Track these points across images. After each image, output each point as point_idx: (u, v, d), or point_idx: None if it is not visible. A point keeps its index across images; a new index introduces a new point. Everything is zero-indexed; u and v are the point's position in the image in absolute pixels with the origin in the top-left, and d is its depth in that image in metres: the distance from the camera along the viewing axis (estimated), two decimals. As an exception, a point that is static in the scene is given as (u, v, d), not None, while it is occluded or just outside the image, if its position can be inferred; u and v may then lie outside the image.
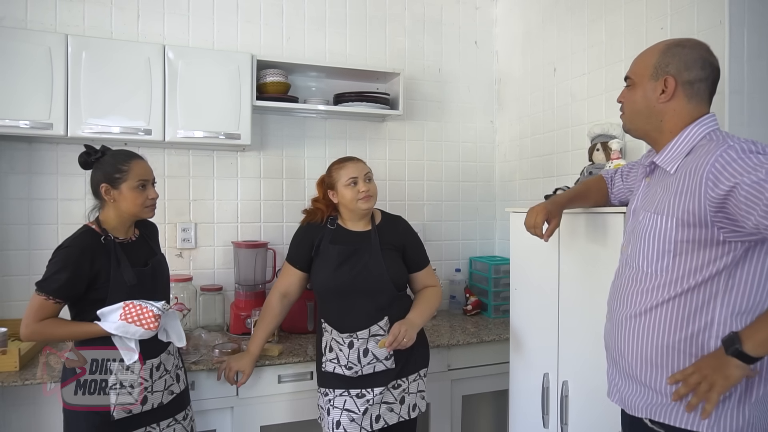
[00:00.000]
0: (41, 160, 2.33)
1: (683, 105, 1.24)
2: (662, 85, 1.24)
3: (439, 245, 2.96)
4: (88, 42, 2.12)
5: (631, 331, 1.27)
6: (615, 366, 1.35)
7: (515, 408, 2.09)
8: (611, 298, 1.39)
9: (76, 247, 1.55)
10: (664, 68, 1.24)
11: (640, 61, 1.31)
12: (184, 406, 1.75)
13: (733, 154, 1.10)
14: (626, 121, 1.35)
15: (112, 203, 1.62)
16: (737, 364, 1.09)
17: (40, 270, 2.28)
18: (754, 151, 1.09)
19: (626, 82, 1.34)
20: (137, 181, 1.62)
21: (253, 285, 2.44)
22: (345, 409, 1.80)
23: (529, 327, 2.00)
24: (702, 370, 1.13)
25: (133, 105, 2.15)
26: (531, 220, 1.58)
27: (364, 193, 1.87)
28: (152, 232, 1.85)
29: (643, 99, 1.28)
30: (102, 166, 1.63)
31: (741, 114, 1.70)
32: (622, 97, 1.35)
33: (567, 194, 1.65)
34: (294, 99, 2.53)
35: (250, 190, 2.64)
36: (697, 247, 1.16)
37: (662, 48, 1.27)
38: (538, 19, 2.70)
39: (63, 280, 1.51)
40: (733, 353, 1.08)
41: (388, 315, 1.84)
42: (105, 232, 1.62)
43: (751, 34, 1.71)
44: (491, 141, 3.09)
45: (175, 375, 1.73)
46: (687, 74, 1.23)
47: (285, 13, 2.67)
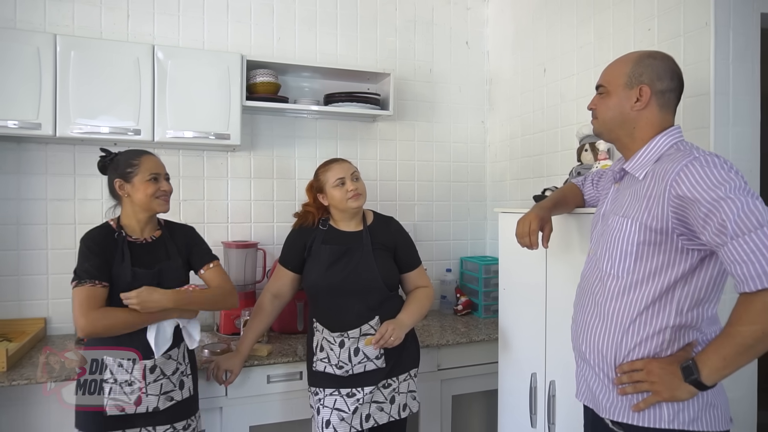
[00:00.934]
0: (30, 160, 2.32)
1: (655, 114, 1.28)
2: (637, 93, 1.28)
3: (430, 245, 2.96)
4: (76, 42, 2.11)
5: (594, 332, 1.31)
6: (582, 366, 1.39)
7: (504, 408, 2.09)
8: (577, 299, 1.43)
9: (91, 237, 1.65)
10: (638, 77, 1.28)
11: (613, 70, 1.34)
12: (186, 416, 1.71)
13: (697, 166, 1.13)
14: (599, 126, 1.37)
15: (126, 198, 1.68)
16: (689, 390, 1.13)
17: (29, 270, 2.32)
18: (717, 165, 1.12)
19: (598, 90, 1.37)
20: (149, 174, 1.68)
21: (243, 285, 2.44)
22: (335, 408, 1.80)
23: (517, 327, 2.01)
24: (650, 375, 1.18)
25: (123, 105, 2.15)
26: (525, 227, 1.56)
27: (352, 192, 1.87)
28: (181, 236, 1.81)
29: (618, 106, 1.31)
30: (116, 165, 1.70)
31: (726, 115, 1.71)
32: (593, 104, 1.38)
33: (549, 201, 1.66)
34: (284, 99, 2.53)
35: (241, 190, 2.64)
36: (657, 252, 1.20)
37: (635, 58, 1.31)
38: (528, 19, 2.71)
39: (96, 263, 1.59)
40: (692, 383, 1.12)
41: (379, 315, 1.85)
42: (120, 228, 1.69)
43: (737, 35, 1.72)
44: (482, 141, 3.10)
45: (178, 381, 1.69)
46: (660, 84, 1.27)
47: (275, 14, 2.67)
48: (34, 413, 2.01)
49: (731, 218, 1.04)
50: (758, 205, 1.05)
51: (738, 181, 1.09)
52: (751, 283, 1.01)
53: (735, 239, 1.04)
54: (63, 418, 2.07)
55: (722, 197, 1.07)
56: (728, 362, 1.08)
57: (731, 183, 1.09)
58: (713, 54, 1.70)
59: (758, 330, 1.02)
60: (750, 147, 1.75)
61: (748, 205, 1.05)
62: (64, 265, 2.33)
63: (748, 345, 1.04)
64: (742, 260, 1.02)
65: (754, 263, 1.01)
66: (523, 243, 1.57)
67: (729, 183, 1.09)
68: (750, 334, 1.03)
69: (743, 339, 1.04)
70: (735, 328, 1.06)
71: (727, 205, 1.06)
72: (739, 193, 1.07)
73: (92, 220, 2.35)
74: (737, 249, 1.03)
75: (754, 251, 1.01)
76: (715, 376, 1.10)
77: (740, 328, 1.05)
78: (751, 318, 1.03)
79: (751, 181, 1.75)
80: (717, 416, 1.19)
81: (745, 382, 1.69)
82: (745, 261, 1.02)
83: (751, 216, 1.04)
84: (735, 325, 1.06)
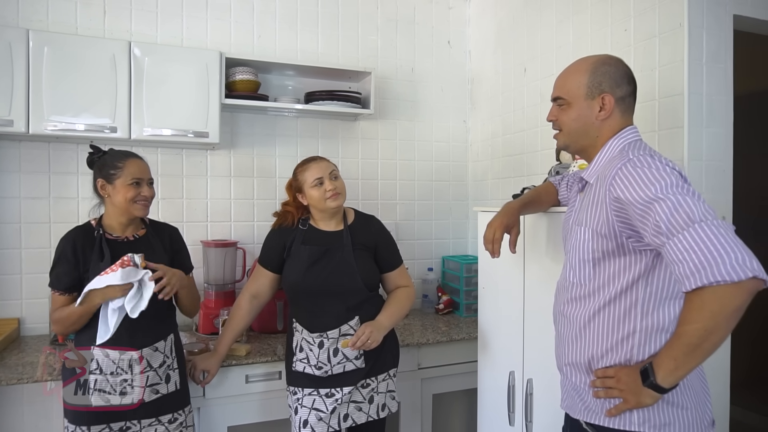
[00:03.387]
0: (3, 158, 2.28)
1: (617, 120, 1.29)
2: (599, 102, 1.28)
3: (412, 244, 2.96)
4: (50, 37, 2.08)
5: (566, 340, 1.33)
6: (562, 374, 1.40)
7: (483, 406, 2.10)
8: (554, 310, 1.43)
9: (64, 239, 1.67)
10: (599, 86, 1.28)
11: (571, 81, 1.32)
12: (172, 410, 1.72)
13: (630, 167, 1.14)
14: (563, 138, 1.37)
15: (107, 198, 1.69)
16: (651, 394, 1.13)
17: (2, 270, 2.28)
18: (649, 165, 1.13)
19: (557, 102, 1.36)
20: (131, 179, 1.67)
21: (222, 285, 2.42)
22: (313, 408, 1.79)
23: (496, 326, 2.02)
24: (620, 383, 1.18)
25: (99, 102, 2.12)
26: (489, 234, 1.57)
27: (331, 191, 1.86)
28: (166, 236, 1.83)
29: (581, 117, 1.30)
30: (101, 164, 1.70)
31: (700, 115, 1.73)
32: (553, 116, 1.37)
33: (520, 200, 1.67)
34: (264, 97, 2.51)
35: (220, 188, 2.61)
36: (611, 256, 1.21)
37: (590, 67, 1.30)
38: (509, 19, 2.72)
39: (60, 272, 1.64)
40: (649, 386, 1.12)
41: (359, 315, 1.84)
42: (100, 227, 1.69)
43: (710, 36, 1.75)
44: (464, 140, 3.11)
45: (164, 375, 1.70)
46: (619, 91, 1.28)
47: (255, 11, 2.65)
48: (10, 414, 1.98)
49: (664, 218, 1.05)
50: (689, 201, 1.05)
51: (670, 178, 1.09)
52: (687, 282, 1.01)
53: (670, 239, 1.04)
54: (38, 420, 2.05)
55: (654, 198, 1.07)
56: (679, 363, 1.07)
57: (663, 181, 1.09)
58: (687, 55, 1.72)
59: (700, 328, 1.01)
60: (723, 147, 1.77)
61: (680, 203, 1.05)
62: (38, 264, 2.30)
63: (694, 344, 1.03)
64: (678, 260, 1.02)
65: (688, 261, 1.00)
66: (487, 249, 1.58)
67: (661, 182, 1.09)
68: (694, 333, 1.02)
69: (689, 338, 1.04)
70: (681, 327, 1.06)
71: (659, 205, 1.06)
72: (671, 192, 1.07)
73: (67, 218, 2.34)
74: (673, 249, 1.03)
75: (686, 249, 1.01)
76: (671, 378, 1.09)
77: (685, 328, 1.04)
78: (692, 317, 1.02)
79: (725, 181, 1.78)
80: (690, 419, 1.18)
81: (719, 379, 1.71)
82: (680, 260, 1.02)
83: (683, 213, 1.03)
84: (681, 325, 1.06)
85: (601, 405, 1.23)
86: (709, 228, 1.01)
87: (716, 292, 0.98)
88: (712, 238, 1.00)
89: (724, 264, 0.97)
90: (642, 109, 1.46)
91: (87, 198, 2.29)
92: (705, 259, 0.99)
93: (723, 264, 0.97)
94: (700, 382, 1.24)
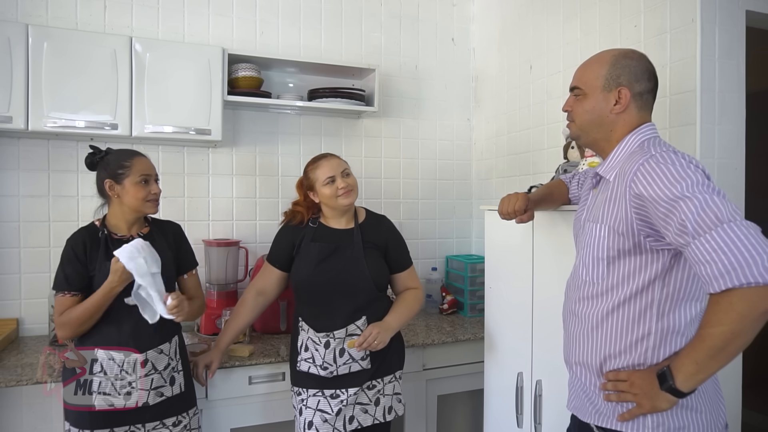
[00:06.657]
0: (1, 155, 2.24)
1: (633, 115, 1.26)
2: (616, 96, 1.25)
3: (416, 244, 2.93)
4: (50, 33, 2.04)
5: (576, 340, 1.30)
6: (570, 374, 1.37)
7: (489, 408, 2.07)
8: (563, 309, 1.41)
9: (71, 240, 1.66)
10: (616, 79, 1.25)
11: (590, 72, 1.30)
12: (177, 412, 1.70)
13: (653, 164, 1.11)
14: (576, 129, 1.34)
15: (116, 199, 1.67)
16: (668, 398, 1.10)
17: (0, 269, 2.23)
18: (674, 162, 1.10)
19: (573, 92, 1.33)
20: (140, 176, 1.66)
21: (224, 284, 2.39)
22: (318, 409, 1.76)
23: (504, 326, 1.99)
24: (633, 387, 1.15)
25: (99, 99, 2.08)
26: (510, 205, 1.56)
27: (343, 189, 1.83)
28: (170, 233, 1.82)
29: (596, 109, 1.28)
30: (106, 164, 1.68)
31: (712, 112, 1.70)
32: (568, 106, 1.34)
33: (536, 194, 1.64)
34: (267, 94, 2.48)
35: (222, 187, 2.58)
36: (626, 255, 1.18)
37: (611, 59, 1.27)
38: (514, 16, 2.69)
39: (68, 273, 1.62)
40: (667, 389, 1.09)
41: (367, 315, 1.81)
42: (105, 227, 1.68)
43: (722, 32, 1.72)
44: (468, 139, 3.08)
45: (169, 377, 1.68)
46: (638, 86, 1.25)
47: (258, 7, 2.62)
48: (9, 417, 1.95)
49: (690, 218, 1.02)
50: (717, 201, 1.02)
51: (696, 176, 1.06)
52: (715, 284, 0.98)
53: (696, 239, 1.01)
54: (37, 422, 2.02)
55: (679, 196, 1.04)
56: (701, 366, 1.04)
57: (689, 180, 1.06)
58: (699, 51, 1.69)
59: (726, 331, 0.99)
60: (736, 144, 1.75)
61: (707, 202, 1.02)
62: (37, 264, 2.27)
63: (718, 347, 1.01)
64: (705, 260, 0.99)
65: (716, 262, 0.98)
66: (505, 214, 1.58)
67: (686, 180, 1.06)
68: (719, 336, 1.00)
69: (713, 341, 1.01)
70: (705, 330, 1.03)
71: (686, 204, 1.03)
72: (698, 190, 1.04)
73: (67, 217, 2.31)
74: (699, 249, 1.00)
75: (715, 250, 0.98)
76: (691, 382, 1.06)
77: (710, 330, 1.02)
78: (719, 319, 0.99)
79: (737, 179, 1.75)
80: (705, 422, 1.16)
81: (731, 381, 1.69)
82: (708, 261, 0.99)
83: (710, 213, 1.01)
84: (705, 327, 1.03)
85: (613, 409, 1.20)
86: (738, 228, 0.98)
87: (745, 294, 0.96)
88: (742, 238, 0.97)
89: (756, 265, 0.94)
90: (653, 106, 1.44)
91: (87, 196, 2.27)
92: (735, 260, 0.96)
93: (756, 265, 0.94)
94: (714, 384, 1.21)
